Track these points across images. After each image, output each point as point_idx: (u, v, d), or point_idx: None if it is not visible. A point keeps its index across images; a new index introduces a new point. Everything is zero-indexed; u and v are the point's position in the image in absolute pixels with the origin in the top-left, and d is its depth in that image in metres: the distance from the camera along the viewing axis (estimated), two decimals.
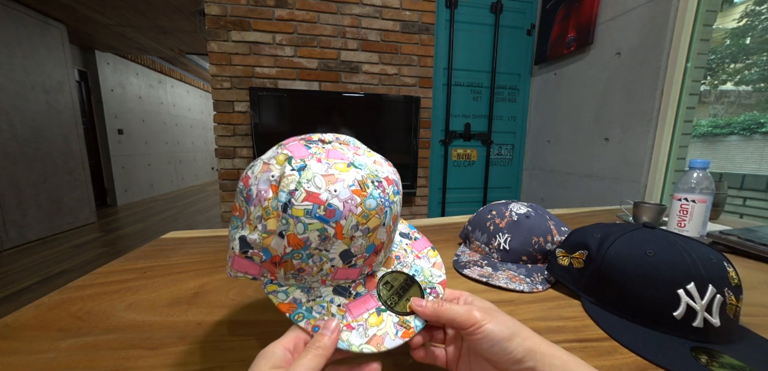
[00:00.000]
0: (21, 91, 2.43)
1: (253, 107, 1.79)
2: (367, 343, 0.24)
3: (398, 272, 0.30)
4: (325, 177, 0.24)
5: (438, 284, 0.30)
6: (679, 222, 0.64)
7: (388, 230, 0.27)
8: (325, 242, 0.24)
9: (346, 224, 0.24)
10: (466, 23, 2.10)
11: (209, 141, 6.19)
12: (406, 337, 0.25)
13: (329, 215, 0.23)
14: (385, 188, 0.26)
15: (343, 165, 0.25)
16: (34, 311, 0.37)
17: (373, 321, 0.25)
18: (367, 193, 0.25)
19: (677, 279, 0.32)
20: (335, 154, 0.26)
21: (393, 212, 0.27)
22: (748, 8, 1.42)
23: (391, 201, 0.27)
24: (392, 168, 0.29)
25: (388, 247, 0.30)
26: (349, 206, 0.24)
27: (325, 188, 0.24)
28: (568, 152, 1.95)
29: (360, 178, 0.25)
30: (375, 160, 0.28)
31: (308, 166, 0.25)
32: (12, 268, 2.06)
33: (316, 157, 0.25)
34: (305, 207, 0.23)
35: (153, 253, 0.56)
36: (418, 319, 0.26)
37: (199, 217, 3.48)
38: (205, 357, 0.30)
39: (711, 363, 0.28)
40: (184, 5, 2.49)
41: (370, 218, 0.25)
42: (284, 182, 0.24)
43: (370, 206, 0.25)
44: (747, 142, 1.52)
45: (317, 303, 0.26)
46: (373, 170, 0.26)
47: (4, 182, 2.31)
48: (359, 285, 0.28)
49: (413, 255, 0.33)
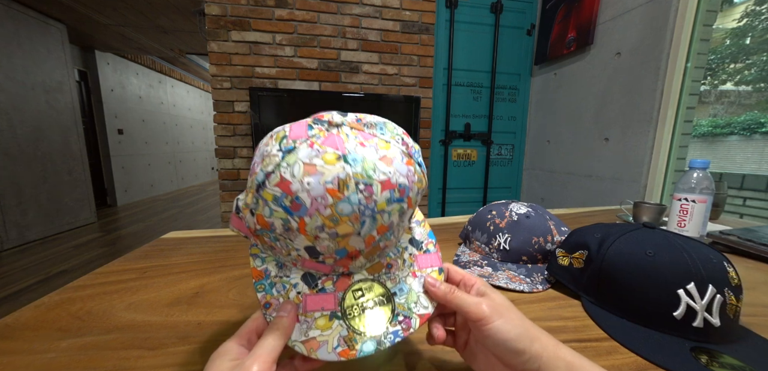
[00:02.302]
0: (21, 91, 2.43)
1: (253, 107, 1.79)
2: (302, 343, 0.22)
3: (379, 283, 0.27)
4: (306, 166, 0.22)
5: (417, 315, 0.25)
6: (679, 222, 0.64)
7: (369, 239, 0.24)
8: (288, 232, 0.23)
9: (310, 222, 0.22)
10: (466, 23, 2.10)
11: (209, 141, 6.19)
12: (345, 356, 0.22)
13: (294, 209, 0.22)
14: (372, 194, 0.22)
15: (332, 156, 0.22)
16: (34, 311, 0.37)
17: (320, 324, 0.24)
18: (344, 196, 0.22)
19: (677, 279, 0.32)
20: (332, 141, 0.23)
21: (379, 222, 0.24)
22: (748, 8, 1.41)
23: (379, 210, 0.23)
24: (407, 168, 0.24)
25: (372, 254, 0.26)
26: (316, 204, 0.21)
27: (299, 177, 0.21)
28: (568, 152, 1.95)
29: (343, 176, 0.21)
30: (384, 156, 0.24)
31: (296, 149, 0.22)
32: (12, 268, 2.06)
33: (310, 141, 0.23)
34: (274, 193, 0.22)
35: (153, 253, 0.56)
36: (368, 344, 0.23)
37: (199, 217, 3.48)
38: (205, 357, 0.29)
39: (711, 363, 0.28)
40: (184, 5, 2.49)
41: (340, 223, 0.22)
42: (266, 161, 0.23)
43: (342, 211, 0.22)
44: (747, 142, 1.52)
45: (282, 281, 0.25)
46: (366, 170, 0.22)
47: (4, 182, 2.31)
48: (329, 280, 0.26)
49: (410, 271, 0.28)
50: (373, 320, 0.25)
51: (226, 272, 0.48)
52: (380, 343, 0.23)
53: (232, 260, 0.53)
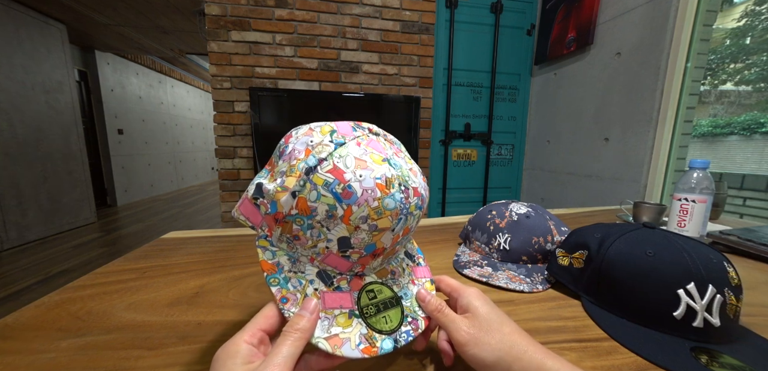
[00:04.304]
0: (21, 91, 2.43)
1: (253, 107, 1.79)
2: (326, 339, 0.22)
3: (387, 287, 0.29)
4: (357, 160, 0.24)
5: (422, 317, 0.28)
6: (679, 222, 0.64)
7: (395, 238, 0.26)
8: (330, 219, 0.24)
9: (357, 212, 0.23)
10: (466, 23, 2.10)
11: (209, 141, 6.19)
12: (367, 353, 0.23)
13: (345, 196, 0.23)
14: (409, 196, 0.25)
15: (378, 157, 0.25)
16: (34, 311, 0.37)
17: (341, 321, 0.24)
18: (390, 192, 0.24)
19: (677, 278, 0.32)
20: (376, 145, 0.26)
21: (407, 224, 0.26)
22: (748, 8, 1.41)
23: (410, 212, 0.26)
24: (424, 183, 0.28)
25: (388, 257, 0.28)
26: (366, 195, 0.23)
27: (352, 169, 0.23)
28: (568, 152, 1.95)
29: (389, 175, 0.24)
30: (412, 168, 0.28)
31: (346, 144, 0.25)
32: (12, 268, 2.06)
33: (357, 141, 0.25)
34: (326, 179, 0.23)
35: (153, 253, 0.56)
36: (386, 342, 0.24)
37: (199, 217, 3.48)
38: (205, 357, 0.29)
39: (711, 363, 0.28)
40: (184, 5, 2.49)
41: (383, 217, 0.24)
42: (318, 149, 0.24)
43: (387, 206, 0.24)
44: (747, 142, 1.52)
45: (297, 276, 0.25)
46: (406, 175, 0.26)
47: (4, 182, 2.31)
48: (344, 280, 0.27)
49: (409, 278, 0.31)
50: (388, 319, 0.26)
51: (226, 272, 0.48)
52: (396, 342, 0.25)
53: (232, 260, 0.53)
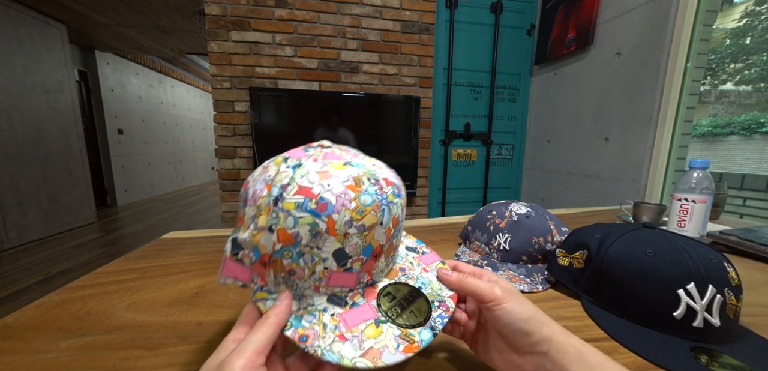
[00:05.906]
0: (21, 91, 2.43)
1: (253, 107, 1.79)
2: (362, 357, 0.21)
3: (402, 284, 0.28)
4: (320, 174, 0.24)
5: (448, 298, 0.27)
6: (679, 222, 0.64)
7: (388, 232, 0.26)
8: (316, 238, 0.22)
9: (339, 218, 0.23)
10: (466, 23, 2.10)
11: (209, 141, 6.19)
12: (410, 352, 0.22)
13: (321, 209, 0.22)
14: (383, 186, 0.25)
15: (339, 164, 0.25)
16: (34, 311, 0.37)
17: (370, 333, 0.23)
18: (362, 189, 0.24)
19: (677, 278, 0.32)
20: (332, 156, 0.26)
21: (392, 214, 0.26)
22: (748, 8, 1.41)
23: (390, 201, 0.25)
24: (393, 173, 0.28)
25: (389, 254, 0.28)
26: (342, 200, 0.23)
27: (318, 182, 0.23)
28: (568, 152, 1.95)
29: (356, 175, 0.24)
30: (374, 163, 0.28)
31: (303, 164, 0.24)
32: (12, 268, 2.06)
33: (313, 158, 0.25)
34: (296, 200, 0.22)
35: (153, 253, 0.56)
36: (424, 332, 0.24)
37: (199, 217, 3.48)
38: (205, 357, 0.29)
39: (711, 363, 0.28)
40: (184, 5, 2.49)
41: (365, 214, 0.23)
42: (277, 178, 0.24)
43: (365, 202, 0.24)
44: (747, 142, 1.52)
45: (308, 311, 0.23)
46: (371, 170, 0.26)
47: (4, 182, 2.31)
48: (357, 294, 0.25)
49: (420, 268, 0.31)
50: (417, 312, 0.26)
51: None
52: (433, 328, 0.24)
53: None
